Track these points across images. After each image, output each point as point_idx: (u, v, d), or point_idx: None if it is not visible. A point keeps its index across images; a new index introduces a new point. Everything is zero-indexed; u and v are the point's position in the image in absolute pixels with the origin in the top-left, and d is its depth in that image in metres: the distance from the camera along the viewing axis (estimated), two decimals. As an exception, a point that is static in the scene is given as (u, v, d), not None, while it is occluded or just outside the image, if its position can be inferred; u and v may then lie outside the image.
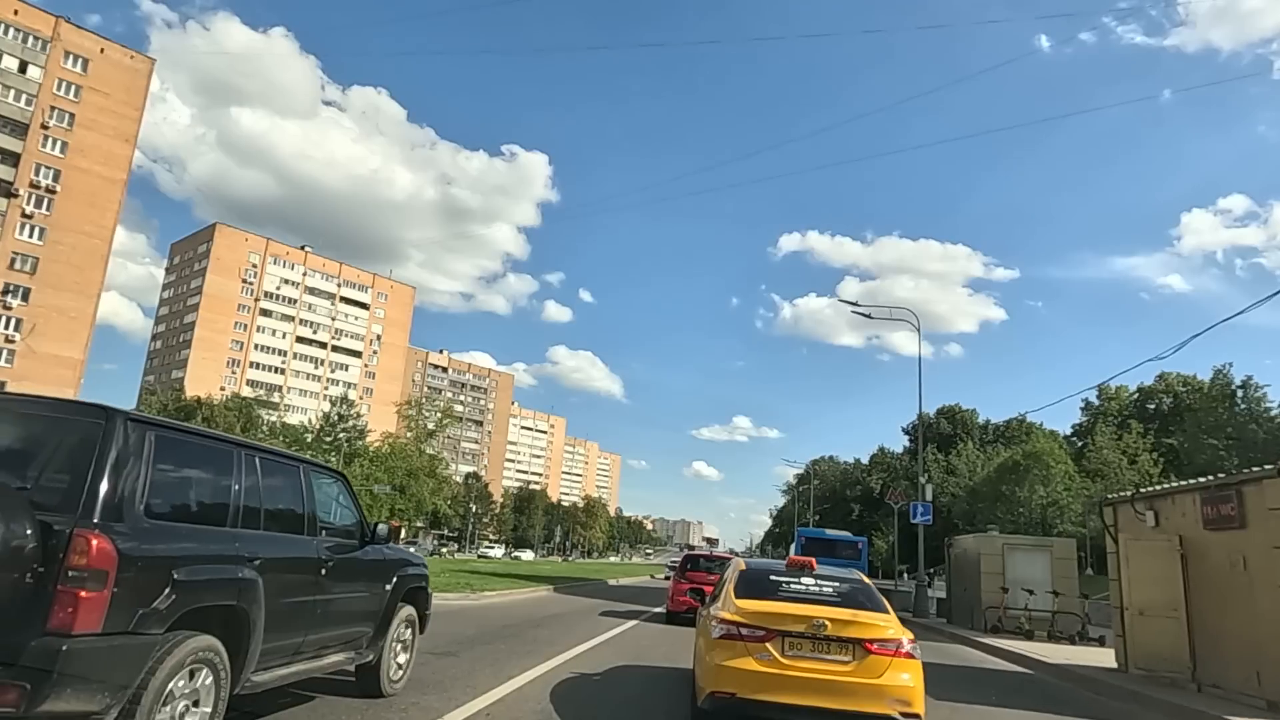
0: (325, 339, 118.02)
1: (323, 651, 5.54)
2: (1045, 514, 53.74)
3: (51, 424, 4.07)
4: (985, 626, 18.56)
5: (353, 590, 5.91)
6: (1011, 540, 20.67)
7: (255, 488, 4.86)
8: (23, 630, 3.36)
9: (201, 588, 4.14)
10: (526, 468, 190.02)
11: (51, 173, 64.81)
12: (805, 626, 5.74)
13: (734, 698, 5.65)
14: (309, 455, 9.89)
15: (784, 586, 6.39)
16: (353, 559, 5.93)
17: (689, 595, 15.99)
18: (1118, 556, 12.25)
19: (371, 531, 6.24)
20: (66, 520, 3.53)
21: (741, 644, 5.76)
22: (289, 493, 5.34)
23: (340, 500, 6.17)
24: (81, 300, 65.31)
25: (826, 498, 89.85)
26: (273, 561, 4.77)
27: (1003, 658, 14.56)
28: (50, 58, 65.13)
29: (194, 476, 4.51)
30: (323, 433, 70.29)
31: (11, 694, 3.27)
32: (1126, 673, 11.45)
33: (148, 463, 3.99)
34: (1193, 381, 66.57)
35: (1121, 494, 12.61)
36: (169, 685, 3.83)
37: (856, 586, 6.59)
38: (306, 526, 5.43)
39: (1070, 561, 19.56)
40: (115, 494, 3.75)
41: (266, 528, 4.91)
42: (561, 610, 17.53)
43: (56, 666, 3.33)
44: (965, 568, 21.20)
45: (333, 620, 5.59)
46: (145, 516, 3.91)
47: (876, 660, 5.66)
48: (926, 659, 13.32)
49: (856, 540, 28.18)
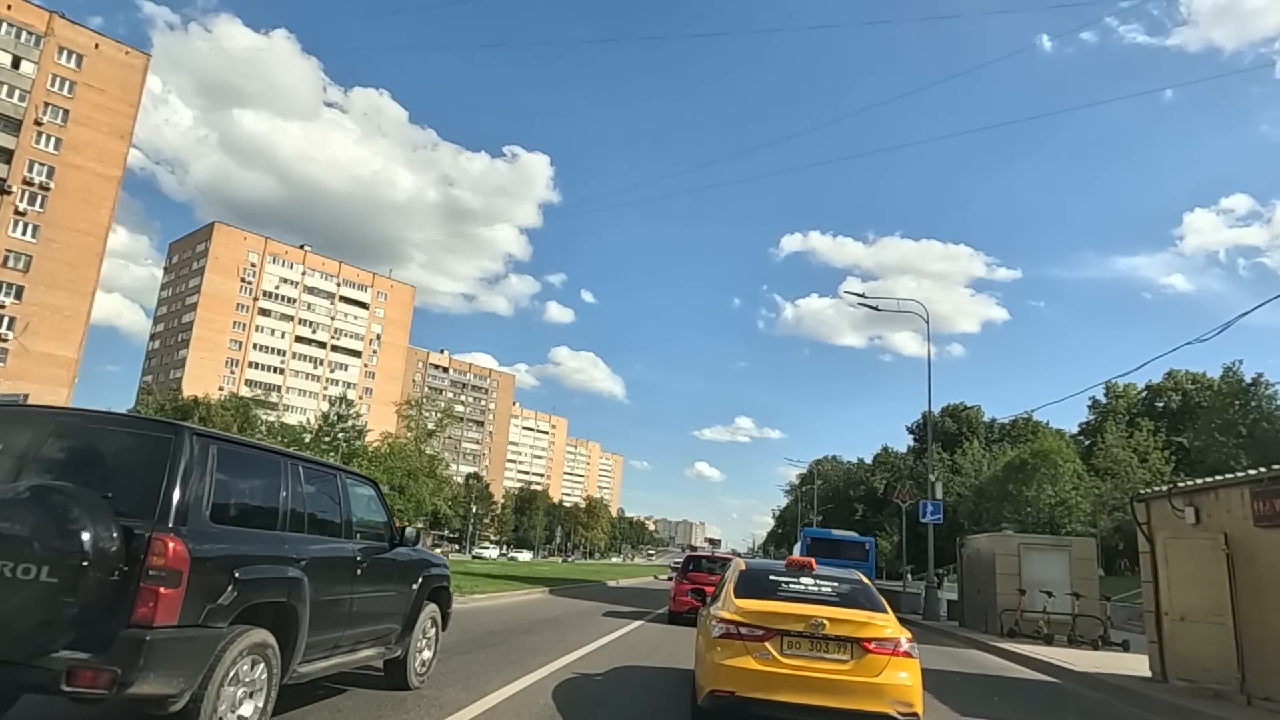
0: (324, 339, 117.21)
1: (357, 646, 5.87)
2: (1053, 514, 52.72)
3: (126, 438, 4.49)
4: (1001, 630, 17.65)
5: (383, 589, 6.23)
6: (1028, 540, 19.76)
7: (300, 494, 5.27)
8: (111, 622, 3.75)
9: (258, 586, 4.49)
10: (528, 468, 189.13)
11: (45, 169, 63.97)
12: (804, 626, 5.75)
13: (733, 696, 5.68)
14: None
15: (783, 586, 6.42)
16: (383, 560, 6.25)
17: (690, 596, 16.19)
18: (1152, 556, 11.34)
19: (400, 534, 6.60)
20: (145, 525, 3.92)
21: (741, 643, 5.79)
22: (328, 498, 5.72)
23: (371, 505, 6.49)
24: (76, 298, 64.44)
25: (830, 498, 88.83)
26: (316, 562, 5.12)
27: (1024, 664, 13.64)
28: (44, 53, 64.31)
29: (248, 484, 4.89)
30: (321, 433, 69.48)
31: (105, 677, 3.65)
32: (1166, 683, 10.52)
33: (210, 473, 4.37)
34: (1202, 379, 65.54)
35: (1157, 489, 11.68)
36: (231, 673, 4.21)
37: (855, 586, 6.60)
38: (343, 529, 5.81)
39: (1090, 562, 18.64)
40: (185, 501, 4.13)
41: (309, 531, 5.28)
42: (556, 614, 16.62)
43: (142, 654, 3.71)
44: (978, 569, 20.28)
45: (366, 617, 5.94)
46: (210, 521, 4.30)
47: (875, 659, 5.68)
48: (942, 666, 12.45)
49: (863, 540, 27.24)
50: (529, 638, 11.60)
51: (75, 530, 3.71)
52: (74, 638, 3.71)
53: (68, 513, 3.76)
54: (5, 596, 3.67)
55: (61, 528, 3.71)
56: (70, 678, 3.65)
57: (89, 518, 3.77)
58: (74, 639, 3.71)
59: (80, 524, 3.73)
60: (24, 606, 3.67)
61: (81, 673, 3.66)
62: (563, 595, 23.91)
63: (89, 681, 3.66)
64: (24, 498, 3.84)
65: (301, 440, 70.94)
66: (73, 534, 3.71)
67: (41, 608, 3.67)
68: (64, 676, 3.64)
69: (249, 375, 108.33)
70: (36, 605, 3.67)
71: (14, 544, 3.71)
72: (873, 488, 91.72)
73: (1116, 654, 15.49)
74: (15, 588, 3.68)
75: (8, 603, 3.67)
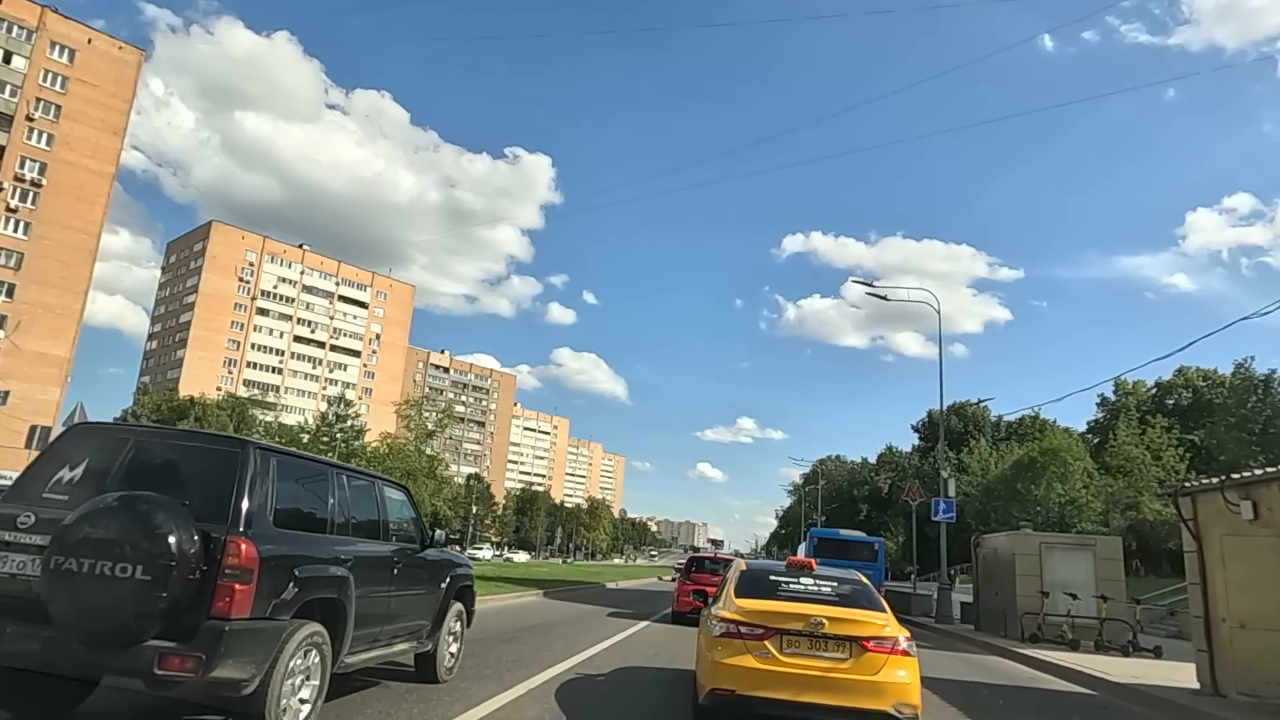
0: (323, 338, 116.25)
1: (394, 640, 6.31)
2: (1064, 512, 51.57)
3: (198, 452, 4.93)
4: (1022, 635, 16.55)
5: (416, 588, 6.65)
6: (1049, 538, 18.67)
7: (344, 500, 5.74)
8: (193, 615, 4.17)
9: (313, 583, 4.89)
10: (529, 469, 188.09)
11: (37, 166, 62.96)
12: (803, 625, 5.81)
13: (734, 694, 5.72)
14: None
15: (783, 586, 6.49)
16: (416, 560, 6.67)
17: (692, 596, 16.38)
18: (1200, 556, 10.26)
19: (430, 536, 7.08)
20: (219, 529, 4.33)
21: (741, 642, 5.85)
22: (367, 503, 6.16)
23: (404, 509, 6.92)
24: (68, 297, 63.43)
25: (834, 498, 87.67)
26: (359, 562, 5.51)
27: (1054, 674, 12.54)
28: (35, 48, 63.33)
29: (303, 492, 5.33)
30: (319, 433, 68.57)
31: (191, 663, 4.06)
32: (1222, 697, 9.42)
33: (272, 482, 4.80)
34: (1214, 376, 64.34)
35: (1206, 481, 10.58)
36: (292, 661, 4.58)
37: (854, 587, 6.65)
38: (381, 532, 6.24)
39: (1116, 562, 17.53)
40: (253, 507, 4.57)
41: (353, 534, 5.73)
42: (546, 619, 15.54)
43: (222, 643, 4.13)
44: (996, 569, 19.18)
45: (402, 613, 6.39)
46: (273, 525, 4.73)
47: (873, 658, 5.72)
48: (967, 676, 11.33)
49: (872, 540, 26.18)
50: (512, 646, 10.55)
51: (163, 534, 4.12)
52: (162, 629, 4.12)
53: (154, 519, 4.16)
54: (107, 591, 4.04)
55: (149, 532, 4.10)
56: (161, 662, 4.05)
57: (173, 523, 4.18)
58: (162, 630, 4.12)
59: (166, 529, 4.14)
60: (123, 600, 4.04)
61: (170, 658, 4.06)
62: (558, 598, 22.84)
63: (177, 666, 4.07)
64: (114, 506, 4.24)
65: (300, 441, 70.09)
66: (160, 537, 4.11)
67: (138, 601, 4.05)
68: (156, 661, 4.05)
69: (247, 375, 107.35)
70: (133, 599, 4.05)
71: (110, 547, 4.09)
72: (877, 487, 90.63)
73: (1149, 661, 14.40)
74: (115, 585, 4.05)
75: (110, 596, 4.04)
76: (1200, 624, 10.11)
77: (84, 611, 4.04)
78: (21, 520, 4.35)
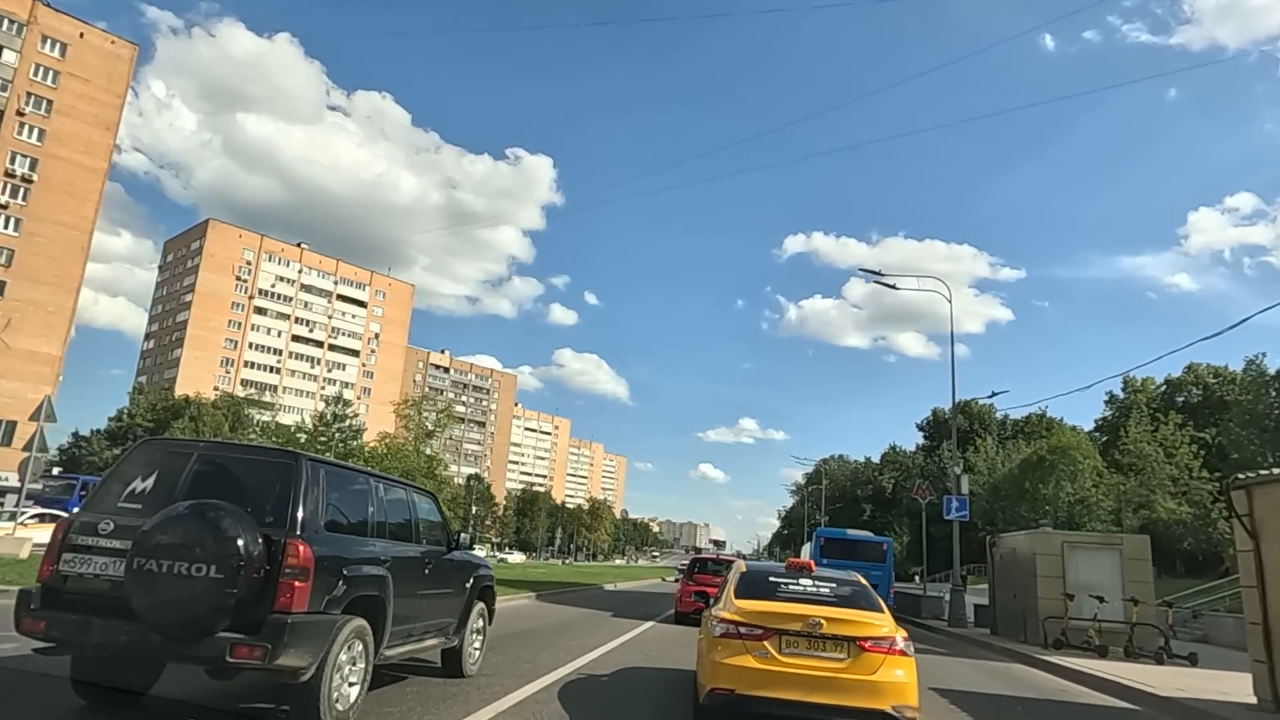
0: (322, 338, 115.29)
1: (424, 636, 6.72)
2: (1073, 512, 50.39)
3: (257, 464, 5.53)
4: (1045, 641, 15.45)
5: (444, 587, 7.08)
6: (1073, 538, 17.57)
7: (381, 506, 6.33)
8: (258, 609, 4.68)
9: (359, 581, 5.44)
10: (530, 469, 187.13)
11: (28, 161, 62.04)
12: (801, 625, 5.86)
13: (733, 694, 5.77)
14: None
15: (782, 587, 6.56)
16: (443, 561, 7.13)
17: (694, 598, 16.65)
18: (1256, 556, 9.18)
19: (456, 539, 7.54)
20: (279, 533, 4.88)
21: (740, 642, 5.91)
22: (400, 509, 6.67)
23: (432, 513, 7.34)
24: (60, 294, 62.49)
25: (837, 498, 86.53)
26: (396, 562, 6.06)
27: (1086, 684, 11.45)
28: (26, 41, 62.37)
29: (347, 499, 5.92)
30: (316, 433, 67.64)
31: (259, 651, 4.53)
32: (1289, 716, 8.35)
33: (322, 490, 5.39)
34: (1225, 373, 63.15)
35: (1266, 472, 9.49)
36: (341, 653, 5.11)
37: (853, 588, 6.72)
38: (413, 535, 6.72)
39: (1144, 562, 16.41)
40: (307, 513, 5.12)
41: (389, 537, 6.28)
42: (534, 625, 14.44)
43: (285, 634, 4.63)
44: (1014, 571, 18.08)
45: (432, 610, 6.80)
46: (324, 530, 5.31)
47: (870, 657, 5.76)
48: (993, 689, 10.22)
49: (881, 541, 25.11)
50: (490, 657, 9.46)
51: (232, 537, 4.56)
52: (231, 622, 4.55)
53: (224, 524, 4.60)
54: (184, 588, 4.46)
55: (220, 536, 4.55)
56: (233, 651, 4.49)
57: (240, 527, 4.63)
58: (231, 623, 4.55)
59: (235, 532, 4.59)
60: (199, 596, 4.46)
61: (240, 648, 4.50)
62: (550, 602, 21.79)
63: (246, 655, 4.50)
64: (188, 513, 4.67)
65: (297, 441, 69.15)
66: (230, 540, 4.55)
67: (212, 597, 4.48)
68: (228, 650, 4.49)
69: (244, 375, 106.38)
70: (208, 595, 4.48)
71: (186, 549, 4.51)
72: (880, 487, 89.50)
73: (1188, 670, 13.31)
74: (191, 582, 4.46)
75: (187, 593, 4.45)
76: (1259, 631, 9.02)
77: (164, 606, 4.49)
78: (102, 527, 4.89)
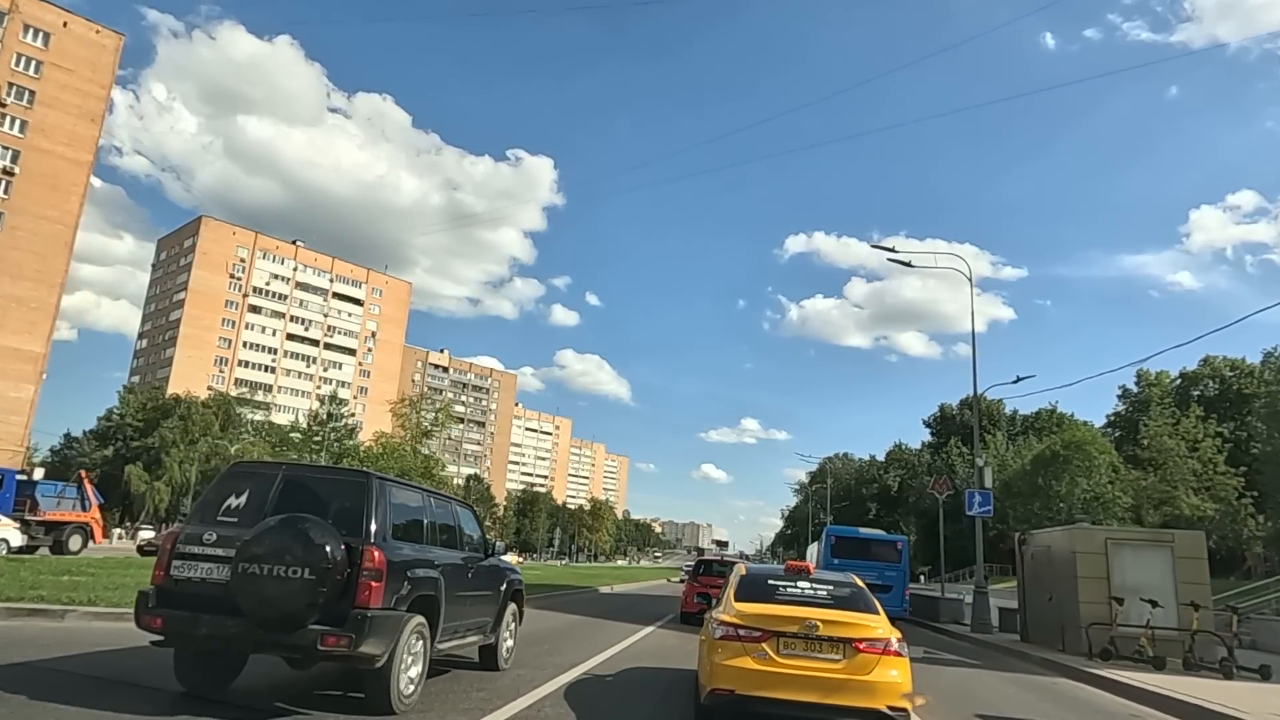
0: (317, 336, 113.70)
1: (467, 633, 7.65)
2: (1088, 508, 48.68)
3: (334, 481, 6.60)
4: (1090, 651, 13.67)
5: (484, 589, 8.05)
6: (1118, 534, 15.79)
7: (433, 517, 7.26)
8: (342, 606, 5.55)
9: (420, 583, 6.31)
10: (531, 470, 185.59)
11: (9, 154, 60.47)
12: (798, 627, 6.01)
13: (733, 694, 5.94)
14: (293, 456, 11.47)
15: (780, 590, 6.73)
16: (482, 566, 8.12)
17: (698, 599, 16.93)
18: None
19: (491, 546, 8.54)
20: (356, 540, 5.75)
21: (739, 644, 6.07)
22: (447, 518, 7.66)
23: (471, 523, 8.31)
24: (43, 290, 60.83)
25: (842, 496, 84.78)
26: (446, 566, 6.96)
27: (1158, 706, 9.64)
28: (8, 30, 60.81)
29: (407, 510, 6.79)
30: (310, 433, 66.11)
31: (345, 641, 5.41)
32: None
33: (389, 504, 6.29)
34: (1242, 365, 61.47)
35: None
36: (407, 644, 5.95)
37: (851, 590, 6.83)
38: (458, 542, 7.73)
39: (1199, 562, 14.62)
40: (378, 524, 6.00)
41: (440, 545, 7.20)
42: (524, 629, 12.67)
43: (366, 627, 5.50)
44: (1050, 571, 16.28)
45: (474, 610, 7.72)
46: (392, 538, 6.19)
47: (866, 658, 5.90)
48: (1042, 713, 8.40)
49: (895, 539, 23.43)
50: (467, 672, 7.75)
51: (321, 545, 5.51)
52: (320, 616, 5.47)
53: (314, 533, 5.56)
54: (283, 588, 5.40)
55: (311, 544, 5.49)
56: (323, 640, 5.40)
57: (327, 536, 5.59)
58: (320, 617, 5.47)
59: (323, 540, 5.54)
60: (295, 594, 5.41)
61: (329, 638, 5.41)
62: (539, 607, 20.02)
63: (334, 643, 5.41)
64: (280, 525, 5.63)
65: (291, 441, 67.59)
66: (319, 547, 5.50)
67: (306, 595, 5.41)
68: (319, 639, 5.40)
69: (239, 374, 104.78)
70: (303, 593, 5.41)
71: (284, 554, 5.45)
72: (886, 485, 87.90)
73: (1261, 685, 11.53)
74: (289, 583, 5.41)
75: (285, 591, 5.40)
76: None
77: (266, 602, 5.40)
78: (206, 538, 5.85)
